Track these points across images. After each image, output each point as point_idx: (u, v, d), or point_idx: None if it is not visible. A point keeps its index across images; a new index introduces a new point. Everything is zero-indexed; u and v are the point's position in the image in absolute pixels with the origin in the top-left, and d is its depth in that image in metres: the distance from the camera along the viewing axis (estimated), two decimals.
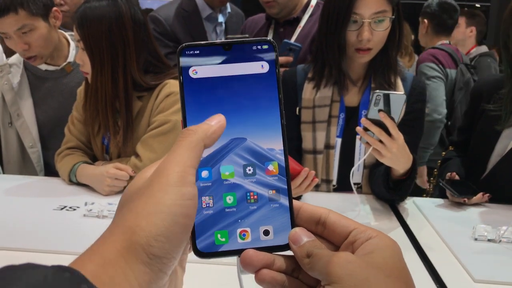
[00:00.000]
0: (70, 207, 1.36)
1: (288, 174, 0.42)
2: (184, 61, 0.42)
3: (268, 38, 0.44)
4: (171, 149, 0.37)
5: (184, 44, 0.42)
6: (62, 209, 1.35)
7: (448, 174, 1.49)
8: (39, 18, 1.70)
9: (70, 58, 1.86)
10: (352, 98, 1.53)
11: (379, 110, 1.16)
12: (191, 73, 0.42)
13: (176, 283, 0.40)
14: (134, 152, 1.54)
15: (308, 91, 1.52)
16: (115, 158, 1.59)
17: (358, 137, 1.27)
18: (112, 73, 1.47)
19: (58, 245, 1.10)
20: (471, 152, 1.62)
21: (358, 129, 1.21)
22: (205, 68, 0.42)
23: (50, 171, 1.84)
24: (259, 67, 0.43)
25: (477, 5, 6.93)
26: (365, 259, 0.36)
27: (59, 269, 0.29)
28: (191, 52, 0.43)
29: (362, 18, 1.38)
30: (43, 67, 1.85)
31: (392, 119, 1.17)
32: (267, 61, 0.43)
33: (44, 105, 1.88)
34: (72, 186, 1.55)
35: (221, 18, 2.29)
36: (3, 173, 1.93)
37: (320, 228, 0.41)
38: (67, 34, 1.90)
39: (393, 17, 1.41)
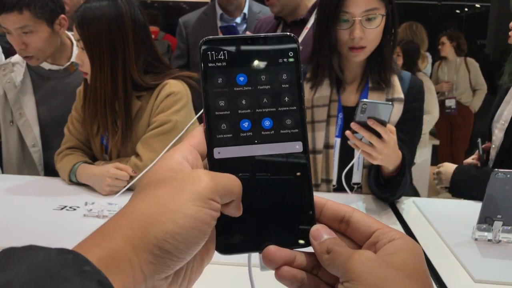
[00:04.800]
0: (70, 207, 1.36)
1: (309, 172, 0.42)
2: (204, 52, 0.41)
3: (292, 34, 0.43)
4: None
5: (206, 38, 0.42)
6: (62, 209, 1.35)
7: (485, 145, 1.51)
8: (42, 22, 1.70)
9: (73, 58, 1.86)
10: (349, 97, 1.54)
11: (368, 117, 1.17)
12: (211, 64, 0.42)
13: (188, 280, 0.39)
14: (133, 152, 1.54)
15: (306, 91, 1.53)
16: (115, 158, 1.59)
17: (349, 141, 1.28)
18: (112, 73, 1.47)
19: (58, 245, 1.09)
20: None
21: (348, 133, 1.23)
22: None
23: (50, 171, 1.84)
24: (282, 60, 0.42)
25: (477, 5, 6.93)
26: (386, 259, 0.36)
27: (62, 251, 0.29)
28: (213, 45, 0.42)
29: (353, 17, 1.38)
30: (47, 66, 1.85)
31: (382, 123, 1.18)
32: (291, 52, 0.42)
33: (46, 104, 1.88)
34: (72, 186, 1.55)
35: (238, 19, 2.42)
36: (3, 172, 1.93)
37: (344, 226, 0.41)
38: (70, 34, 1.90)
39: (385, 14, 1.41)
